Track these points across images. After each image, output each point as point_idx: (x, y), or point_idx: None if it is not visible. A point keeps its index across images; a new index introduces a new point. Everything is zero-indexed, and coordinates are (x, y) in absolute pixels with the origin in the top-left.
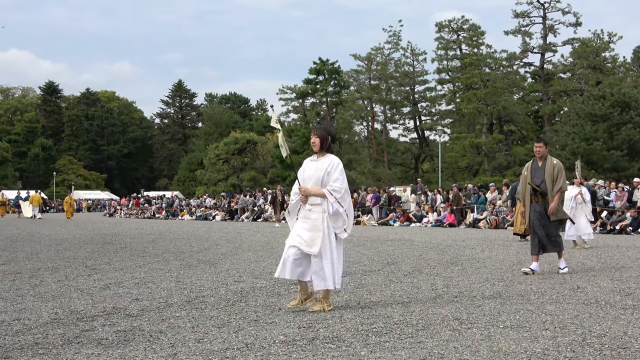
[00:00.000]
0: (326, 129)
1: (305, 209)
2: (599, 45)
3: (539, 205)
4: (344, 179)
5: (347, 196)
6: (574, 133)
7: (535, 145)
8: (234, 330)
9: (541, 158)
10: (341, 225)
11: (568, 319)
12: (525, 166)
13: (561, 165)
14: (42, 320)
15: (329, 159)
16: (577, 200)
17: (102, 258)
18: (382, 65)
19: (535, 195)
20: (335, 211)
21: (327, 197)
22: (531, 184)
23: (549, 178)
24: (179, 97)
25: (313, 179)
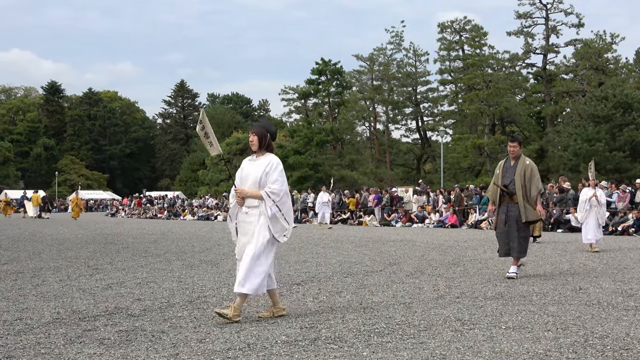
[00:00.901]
0: (265, 127)
1: (242, 211)
2: (601, 46)
3: (507, 206)
4: (284, 180)
5: (286, 199)
6: (577, 134)
7: (510, 145)
8: (235, 330)
9: (515, 158)
10: (280, 230)
11: (570, 320)
12: (498, 164)
13: (534, 166)
14: (44, 320)
15: (268, 159)
16: (592, 203)
17: (104, 258)
18: (384, 66)
19: (504, 195)
20: (273, 215)
21: (265, 199)
22: (498, 185)
23: (519, 178)
24: (181, 97)
25: (250, 180)
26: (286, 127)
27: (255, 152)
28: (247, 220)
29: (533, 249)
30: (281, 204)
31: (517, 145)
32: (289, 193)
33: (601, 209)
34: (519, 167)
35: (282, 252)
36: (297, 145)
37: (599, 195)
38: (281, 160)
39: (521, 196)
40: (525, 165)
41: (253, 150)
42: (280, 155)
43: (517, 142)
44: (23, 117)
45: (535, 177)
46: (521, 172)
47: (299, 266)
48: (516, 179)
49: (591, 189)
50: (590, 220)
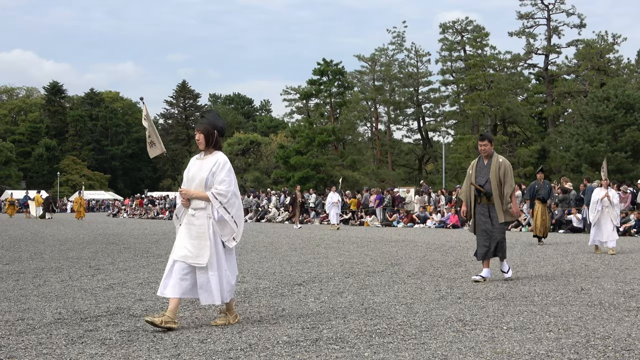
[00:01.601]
0: (211, 123)
1: (189, 213)
2: (603, 46)
3: (484, 207)
4: (232, 181)
5: (235, 200)
6: (578, 134)
7: (480, 144)
8: (237, 330)
9: (487, 156)
10: (229, 233)
11: (572, 320)
12: (470, 164)
13: (508, 164)
14: (45, 320)
15: (215, 158)
16: (604, 204)
17: (106, 258)
18: (386, 66)
19: (480, 196)
20: (220, 217)
21: (212, 201)
22: (474, 184)
23: (494, 177)
24: (182, 97)
25: (196, 180)
26: (288, 127)
27: (203, 150)
28: (194, 222)
29: (535, 249)
30: (229, 206)
31: (488, 143)
32: (238, 194)
33: (614, 209)
34: (492, 165)
35: (284, 253)
36: (298, 145)
37: (611, 195)
38: (284, 161)
39: (498, 196)
40: (499, 163)
41: (200, 148)
42: (282, 156)
43: (487, 140)
44: (25, 117)
45: (508, 175)
46: (496, 171)
47: (301, 266)
48: (491, 178)
49: (603, 188)
50: (603, 221)
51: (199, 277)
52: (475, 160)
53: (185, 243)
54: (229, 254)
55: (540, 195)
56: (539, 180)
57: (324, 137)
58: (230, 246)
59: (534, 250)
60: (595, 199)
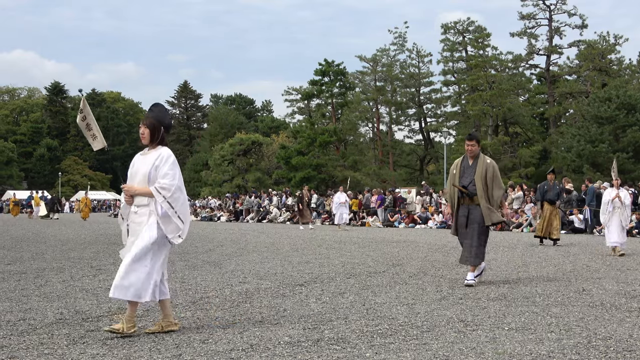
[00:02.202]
0: (158, 118)
1: (132, 210)
2: (604, 47)
3: (466, 208)
4: (176, 174)
5: (180, 195)
6: (580, 135)
7: (467, 143)
8: (238, 331)
9: (473, 157)
10: (174, 229)
11: (573, 321)
12: (454, 163)
13: (495, 166)
14: (47, 321)
15: (158, 152)
16: (615, 204)
17: (108, 258)
18: (387, 67)
19: (462, 196)
20: (164, 213)
21: (155, 195)
22: (456, 186)
23: (479, 179)
24: (184, 97)
25: (139, 175)
26: (289, 127)
27: (148, 145)
28: (136, 220)
29: (536, 250)
30: (173, 201)
31: (476, 143)
32: (182, 189)
33: (625, 210)
34: (479, 167)
35: (285, 253)
36: (300, 146)
37: (622, 196)
38: (285, 161)
39: (483, 197)
40: (486, 164)
41: (144, 143)
42: (283, 156)
43: (475, 141)
44: (26, 117)
45: (497, 177)
46: (482, 173)
47: (302, 267)
48: (476, 179)
49: (615, 189)
50: (613, 222)
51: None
52: (460, 159)
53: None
54: (158, 252)
55: (550, 196)
56: (549, 181)
57: (326, 138)
58: (175, 243)
59: (535, 251)
60: (607, 200)
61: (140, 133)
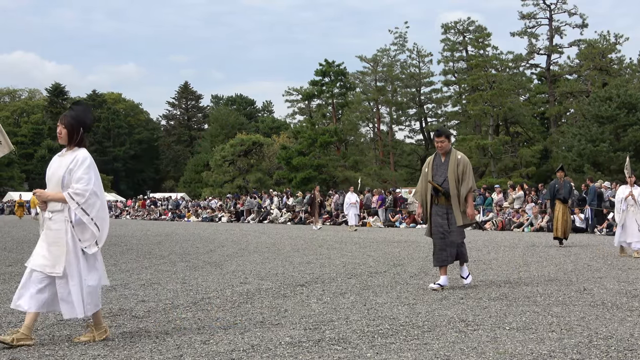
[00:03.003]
0: (77, 117)
1: (46, 217)
2: (605, 46)
3: (442, 208)
4: (92, 179)
5: (95, 200)
6: (580, 134)
7: (436, 140)
8: (239, 331)
9: (444, 153)
10: (90, 237)
11: (574, 320)
12: (426, 161)
13: (467, 161)
14: (48, 322)
15: (75, 154)
16: (629, 202)
17: (108, 260)
18: (388, 67)
19: (437, 195)
20: (78, 220)
21: (68, 201)
22: (432, 183)
23: (452, 176)
24: (185, 98)
25: (54, 179)
26: (290, 128)
27: (66, 146)
28: (51, 227)
29: (537, 249)
30: (88, 207)
31: (445, 139)
32: (99, 193)
33: (639, 209)
34: (451, 163)
35: (286, 254)
36: (301, 146)
37: (636, 194)
38: (286, 162)
39: (456, 196)
40: (457, 160)
41: (61, 144)
42: (284, 157)
43: (444, 136)
44: (27, 119)
45: (467, 173)
46: (454, 169)
47: (303, 267)
48: (449, 176)
49: (628, 186)
50: (629, 222)
51: (59, 287)
52: (432, 157)
53: (42, 250)
54: (92, 261)
55: (561, 195)
56: (559, 179)
57: (326, 138)
58: (90, 252)
59: (536, 250)
60: (620, 198)
61: (57, 132)
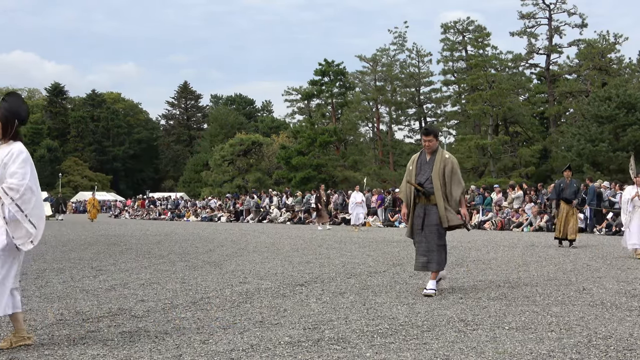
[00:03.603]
0: (12, 109)
1: None
2: (604, 46)
3: (422, 208)
4: (27, 173)
5: (31, 196)
6: (580, 134)
7: (424, 139)
8: (239, 331)
9: (431, 152)
10: (24, 235)
11: (573, 320)
12: (411, 159)
13: (455, 161)
14: (47, 321)
15: (10, 148)
16: (636, 203)
17: (108, 259)
18: (387, 67)
19: (419, 195)
20: (12, 216)
21: (2, 197)
22: (411, 183)
23: (437, 176)
24: (184, 98)
25: None
26: (289, 128)
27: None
28: None
29: (536, 249)
30: (23, 203)
31: (433, 138)
32: (34, 189)
33: None
34: (436, 162)
35: (286, 253)
36: (300, 146)
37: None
38: (285, 161)
39: (441, 197)
40: (444, 160)
41: None
42: (283, 156)
43: (432, 135)
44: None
45: (456, 174)
46: (440, 169)
47: (302, 267)
48: (433, 176)
49: (636, 186)
50: (635, 222)
51: None
52: (417, 155)
53: None
54: (9, 261)
55: (566, 195)
56: (565, 179)
57: (326, 138)
58: (24, 249)
59: (535, 250)
60: (626, 199)
61: None
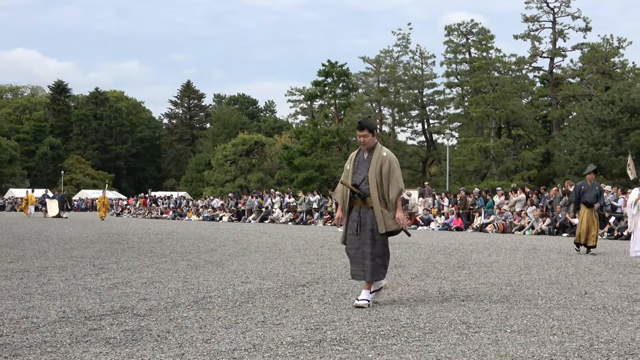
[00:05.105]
0: None
1: None
2: (608, 50)
3: (356, 212)
4: None
5: None
6: (583, 138)
7: (359, 134)
8: (241, 331)
9: (368, 149)
10: None
11: (575, 324)
12: (349, 158)
13: (393, 159)
14: (50, 319)
15: None
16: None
17: (110, 257)
18: (390, 68)
19: (354, 197)
20: None
21: None
22: (345, 184)
23: (373, 175)
24: (187, 97)
25: None
26: (292, 128)
27: None
28: None
29: (538, 253)
30: None
31: (368, 133)
32: None
33: None
34: (373, 161)
35: (287, 254)
36: (302, 146)
37: None
38: (288, 162)
39: (377, 199)
40: (381, 158)
41: None
42: (286, 157)
43: (367, 130)
44: (29, 116)
45: (394, 173)
46: (376, 168)
47: (304, 267)
48: (370, 176)
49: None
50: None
51: None
52: (355, 152)
53: None
54: None
55: (587, 198)
56: (587, 182)
57: (328, 139)
58: None
59: (537, 253)
60: (630, 202)
61: None
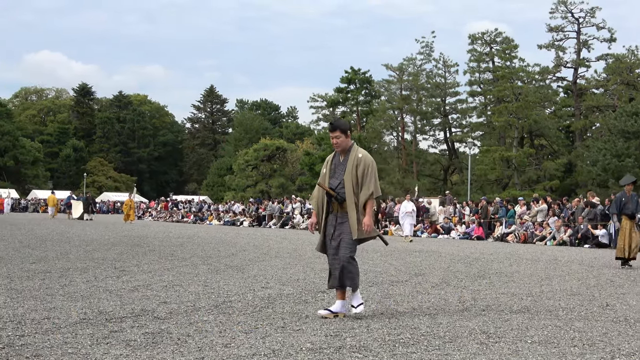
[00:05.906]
0: None
1: None
2: (633, 61)
3: (333, 217)
4: None
5: None
6: (606, 149)
7: (331, 136)
8: (261, 336)
9: (343, 151)
10: None
11: (597, 336)
12: (325, 161)
13: (369, 161)
14: (71, 320)
15: None
16: None
17: (131, 260)
18: (413, 76)
19: (331, 201)
20: None
21: None
22: (323, 186)
23: (349, 178)
24: (210, 102)
25: None
26: (314, 134)
27: None
28: None
29: (559, 264)
30: None
31: (341, 134)
32: None
33: None
34: (349, 163)
35: (308, 260)
36: (324, 153)
37: None
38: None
39: (353, 204)
40: (356, 160)
41: None
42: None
43: (339, 131)
44: (53, 118)
45: (368, 176)
46: (352, 170)
47: (324, 274)
48: (346, 179)
49: None
50: None
51: None
52: (331, 155)
53: None
54: None
55: (629, 210)
56: (626, 192)
57: None
58: None
59: (558, 264)
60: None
61: None
